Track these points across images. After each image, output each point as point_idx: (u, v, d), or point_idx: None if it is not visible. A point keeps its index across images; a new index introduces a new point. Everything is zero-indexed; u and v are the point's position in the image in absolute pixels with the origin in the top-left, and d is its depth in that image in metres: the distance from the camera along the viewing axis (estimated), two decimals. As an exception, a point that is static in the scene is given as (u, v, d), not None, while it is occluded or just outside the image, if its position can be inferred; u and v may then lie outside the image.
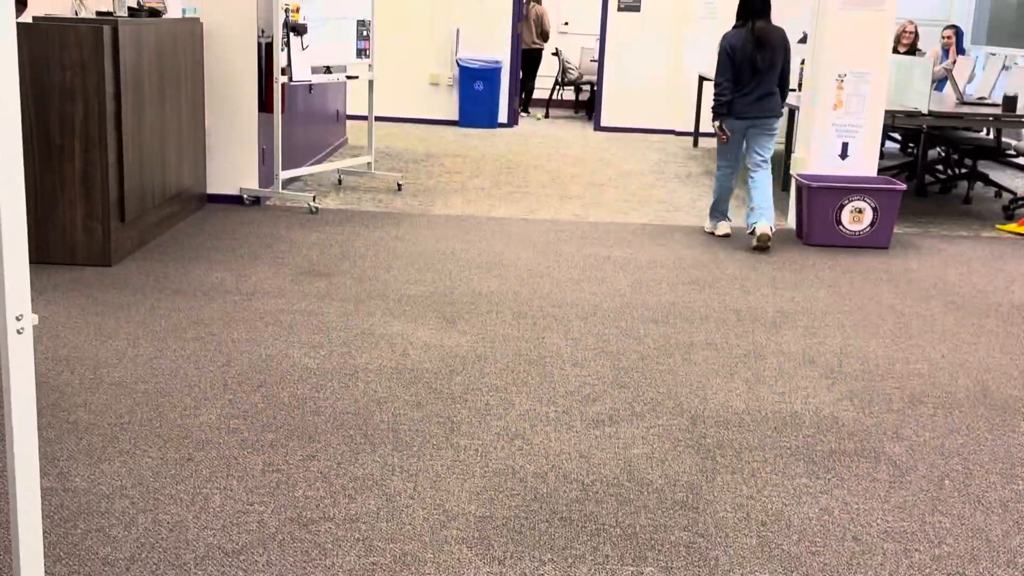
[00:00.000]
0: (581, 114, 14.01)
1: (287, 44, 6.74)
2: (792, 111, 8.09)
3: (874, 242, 6.50)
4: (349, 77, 7.66)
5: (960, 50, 10.54)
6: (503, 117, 11.97)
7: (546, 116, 13.43)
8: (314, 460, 3.23)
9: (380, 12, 11.43)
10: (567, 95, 14.55)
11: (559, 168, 9.16)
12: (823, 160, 6.81)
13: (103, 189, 5.22)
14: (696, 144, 11.18)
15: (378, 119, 11.82)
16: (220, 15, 6.65)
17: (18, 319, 1.93)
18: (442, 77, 11.94)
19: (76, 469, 3.10)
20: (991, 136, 8.82)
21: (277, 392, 3.76)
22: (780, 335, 4.68)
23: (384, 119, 11.93)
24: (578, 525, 2.90)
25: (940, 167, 9.28)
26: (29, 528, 2.05)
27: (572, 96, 14.46)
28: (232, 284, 5.10)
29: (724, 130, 6.43)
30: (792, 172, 6.94)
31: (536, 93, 13.90)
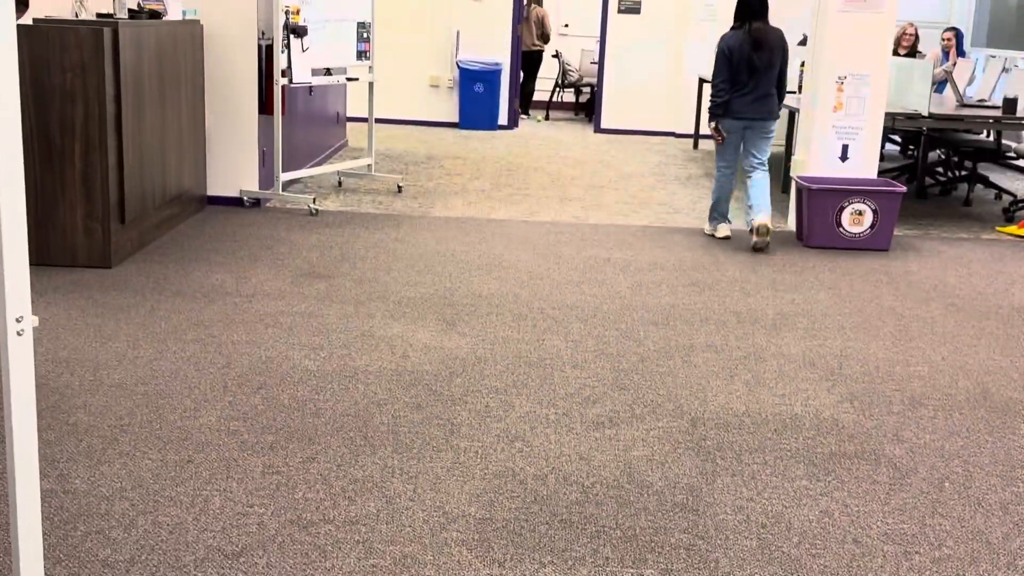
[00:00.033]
0: (581, 116, 14.01)
1: (287, 46, 6.75)
2: (792, 113, 8.09)
3: (874, 244, 6.50)
4: (349, 79, 7.67)
5: (960, 52, 10.54)
6: (503, 119, 11.98)
7: (546, 118, 13.43)
8: (314, 462, 3.23)
9: (380, 14, 11.44)
10: (567, 97, 14.56)
11: (559, 170, 9.16)
12: (823, 162, 6.82)
13: (103, 191, 5.22)
14: (696, 146, 11.18)
15: (378, 121, 11.83)
16: (220, 17, 6.65)
17: (18, 321, 1.93)
18: (442, 79, 11.95)
19: (76, 471, 3.10)
20: (991, 138, 8.83)
21: (277, 394, 3.76)
22: (780, 337, 4.68)
23: (384, 121, 11.94)
24: (578, 527, 2.90)
25: (940, 169, 9.28)
26: (29, 530, 2.05)
27: (572, 98, 14.47)
28: (232, 286, 5.10)
29: (720, 131, 6.46)
30: (792, 174, 6.94)
31: (536, 95, 13.91)
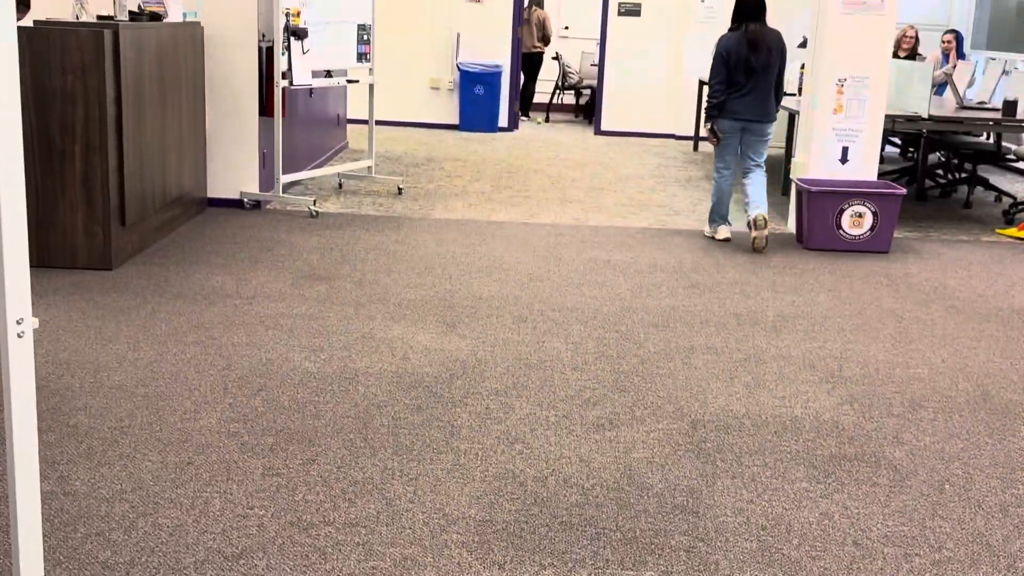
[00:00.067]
0: (581, 118, 14.02)
1: (288, 48, 6.75)
2: (792, 115, 8.09)
3: (874, 246, 6.50)
4: (350, 81, 7.67)
5: (960, 54, 10.54)
6: (503, 121, 11.98)
7: (546, 120, 13.43)
8: (314, 464, 3.23)
9: (381, 16, 11.44)
10: (567, 99, 14.56)
11: (559, 172, 9.16)
12: (823, 164, 6.82)
13: (104, 193, 5.22)
14: (696, 148, 11.19)
15: (379, 123, 11.83)
16: (221, 19, 6.66)
17: (18, 323, 1.93)
18: (443, 81, 11.95)
19: (76, 473, 3.10)
20: (991, 140, 8.83)
21: (277, 396, 3.76)
22: (780, 339, 4.68)
23: (385, 123, 11.94)
24: (578, 529, 2.90)
25: (940, 171, 9.28)
26: (29, 532, 2.05)
27: (572, 100, 14.47)
28: (232, 288, 5.10)
29: (715, 133, 6.51)
30: (792, 176, 6.95)
31: (536, 97, 13.91)
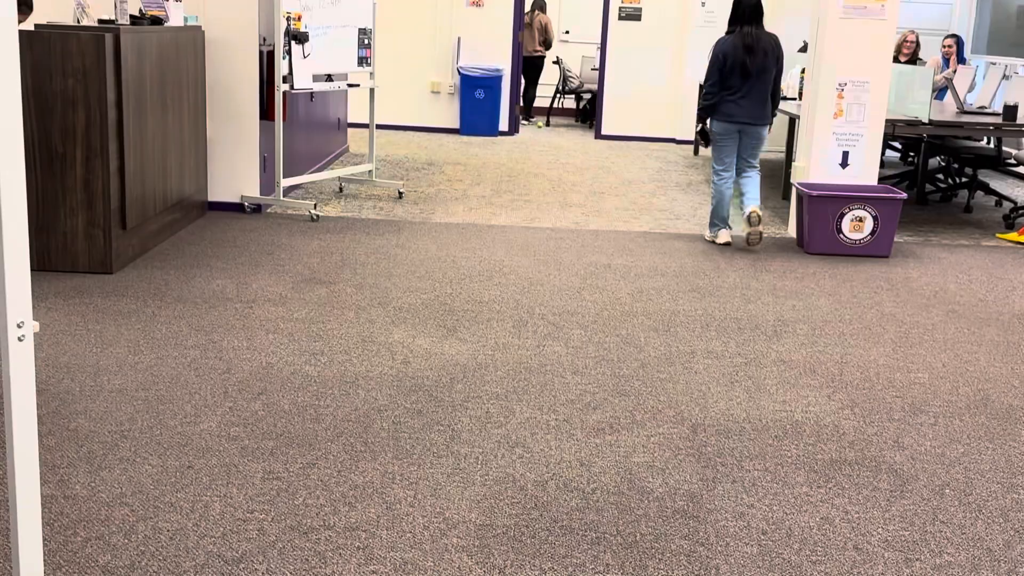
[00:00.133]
0: (582, 122, 14.02)
1: (288, 52, 6.76)
2: (793, 120, 8.10)
3: (875, 251, 6.50)
4: (350, 85, 7.68)
5: (960, 59, 10.55)
6: (504, 125, 11.99)
7: (547, 124, 13.44)
8: (314, 468, 3.23)
9: (381, 20, 11.45)
10: (568, 103, 14.57)
11: (560, 176, 9.17)
12: (823, 169, 6.82)
13: (104, 197, 5.22)
14: (697, 152, 11.19)
15: (379, 127, 11.84)
16: (222, 23, 6.66)
17: (19, 326, 1.93)
18: (443, 85, 11.96)
19: (76, 476, 3.10)
20: (991, 145, 8.83)
21: (277, 400, 3.76)
22: (781, 343, 4.68)
23: (385, 127, 11.95)
24: (578, 534, 2.90)
25: (940, 176, 9.29)
26: (29, 535, 2.05)
27: (573, 104, 14.49)
28: (233, 292, 5.10)
29: (706, 134, 6.61)
30: (793, 181, 6.95)
31: (537, 101, 13.92)
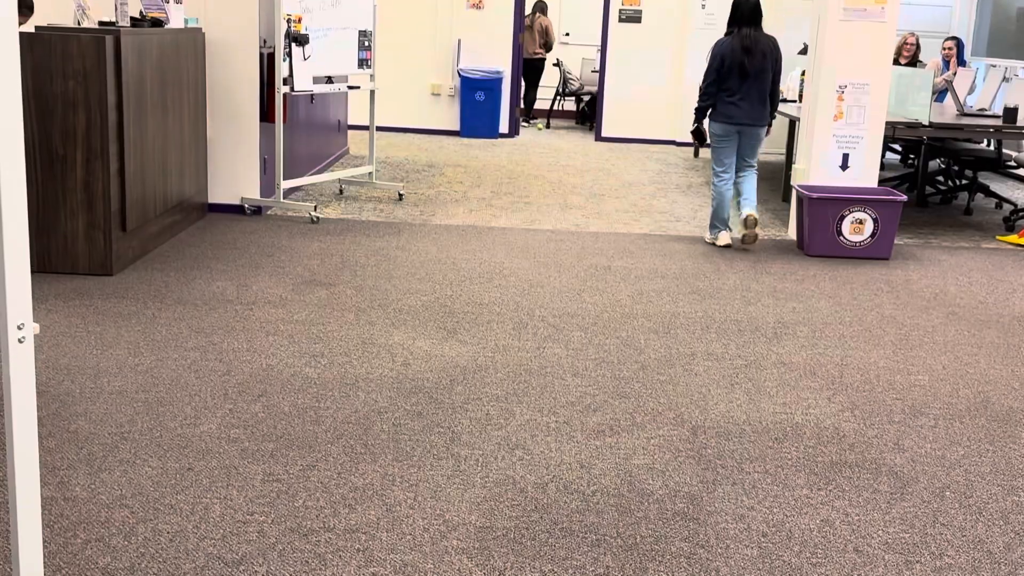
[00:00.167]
0: (582, 124, 14.03)
1: (289, 54, 6.76)
2: (793, 122, 8.10)
3: (875, 253, 6.50)
4: (351, 87, 7.68)
5: (961, 62, 10.55)
6: (504, 127, 11.99)
7: (547, 126, 13.45)
8: (314, 470, 3.23)
9: (382, 22, 11.46)
10: (568, 105, 14.58)
11: (560, 178, 9.17)
12: (824, 171, 6.82)
13: (105, 198, 5.23)
14: (697, 154, 11.20)
15: (379, 129, 11.84)
16: (222, 25, 6.67)
17: (19, 328, 1.93)
18: (443, 87, 11.97)
19: (76, 478, 3.10)
20: (992, 147, 8.83)
21: (278, 402, 3.76)
22: (781, 346, 4.68)
23: (385, 129, 11.95)
24: (579, 536, 2.90)
25: (941, 178, 9.29)
26: (29, 537, 2.05)
27: (573, 106, 14.49)
28: (233, 294, 5.10)
29: (700, 134, 6.70)
30: (793, 183, 6.95)
31: (537, 103, 13.93)
